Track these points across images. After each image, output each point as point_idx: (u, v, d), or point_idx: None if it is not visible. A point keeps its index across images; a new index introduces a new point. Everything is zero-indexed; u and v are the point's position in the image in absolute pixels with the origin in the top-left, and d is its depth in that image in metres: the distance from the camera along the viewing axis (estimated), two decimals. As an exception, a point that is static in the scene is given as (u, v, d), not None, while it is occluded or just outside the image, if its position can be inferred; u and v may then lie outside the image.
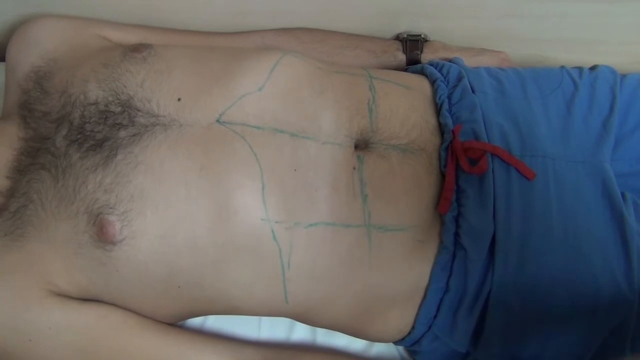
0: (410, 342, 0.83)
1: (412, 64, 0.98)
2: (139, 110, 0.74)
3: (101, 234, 0.70)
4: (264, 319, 0.89)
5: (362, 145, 0.78)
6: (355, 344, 0.90)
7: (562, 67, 0.93)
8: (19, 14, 0.93)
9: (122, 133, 0.73)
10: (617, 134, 0.85)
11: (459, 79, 0.87)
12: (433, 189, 0.79)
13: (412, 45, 0.99)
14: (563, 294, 0.77)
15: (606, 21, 0.98)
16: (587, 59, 0.95)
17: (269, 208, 0.72)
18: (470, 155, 0.79)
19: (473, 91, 0.86)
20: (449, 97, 0.85)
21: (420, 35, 1.00)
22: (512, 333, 0.78)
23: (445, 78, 0.88)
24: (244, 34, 0.99)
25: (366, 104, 0.80)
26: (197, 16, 0.98)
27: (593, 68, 0.92)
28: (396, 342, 0.85)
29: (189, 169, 0.71)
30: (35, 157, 0.76)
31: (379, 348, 0.91)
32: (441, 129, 0.82)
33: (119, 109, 0.75)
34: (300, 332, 0.90)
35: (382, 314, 0.79)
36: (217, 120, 0.74)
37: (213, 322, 0.88)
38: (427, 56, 0.99)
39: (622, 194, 0.80)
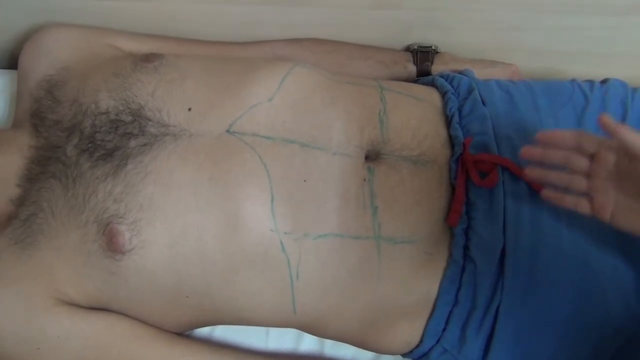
0: (419, 355, 0.83)
1: (423, 76, 0.98)
2: (149, 120, 0.75)
3: (110, 243, 0.70)
4: (272, 329, 0.89)
5: (372, 157, 0.78)
6: (363, 356, 0.90)
7: (573, 80, 0.92)
8: (32, 23, 0.94)
9: (133, 142, 0.73)
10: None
11: (470, 91, 0.87)
12: (443, 201, 0.78)
13: (422, 57, 0.99)
14: (572, 308, 0.76)
15: (617, 34, 0.98)
16: (598, 72, 0.95)
17: (278, 219, 0.71)
18: (480, 168, 0.79)
19: (483, 103, 0.85)
20: (460, 110, 0.85)
21: (430, 46, 1.00)
22: (521, 347, 0.77)
23: (455, 90, 0.88)
24: (255, 44, 0.99)
25: (377, 114, 0.80)
26: (208, 26, 0.98)
27: (604, 81, 0.92)
28: (404, 355, 0.85)
29: (199, 179, 0.71)
30: (45, 165, 0.76)
31: (386, 360, 0.90)
32: (452, 141, 0.82)
33: (129, 119, 0.75)
34: (308, 343, 0.90)
35: (390, 326, 0.79)
36: (227, 131, 0.74)
37: (221, 332, 0.88)
38: (437, 68, 0.98)
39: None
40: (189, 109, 0.76)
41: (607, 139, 0.68)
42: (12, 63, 0.96)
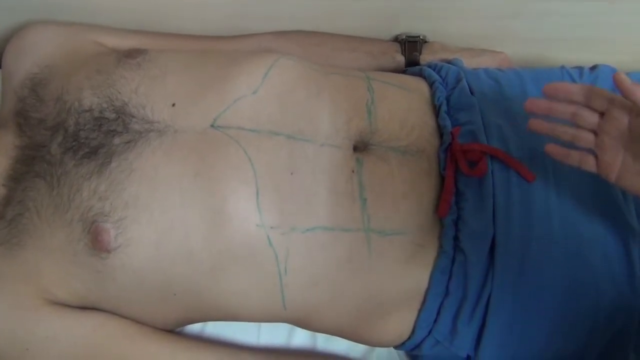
0: (411, 347, 0.82)
1: (411, 66, 0.97)
2: (133, 117, 0.74)
3: (96, 241, 0.69)
4: (264, 324, 0.89)
5: (361, 148, 0.78)
6: (356, 349, 0.90)
7: (562, 66, 0.92)
8: (15, 21, 0.93)
9: (117, 140, 0.73)
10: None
11: (458, 80, 0.87)
12: (432, 192, 0.78)
13: (410, 47, 0.99)
14: (564, 297, 0.76)
15: (606, 20, 0.97)
16: (587, 58, 0.95)
17: (264, 213, 0.71)
18: (469, 158, 0.78)
19: (472, 93, 0.85)
20: (448, 99, 0.85)
21: (419, 36, 1.00)
22: (512, 337, 0.77)
23: (443, 80, 0.88)
24: (242, 38, 0.99)
25: (365, 105, 0.79)
26: (195, 20, 0.97)
27: (593, 68, 0.91)
28: (397, 347, 0.85)
29: (184, 175, 0.71)
30: (30, 165, 0.75)
31: (379, 353, 0.90)
32: (440, 131, 0.82)
33: (113, 116, 0.74)
34: (300, 338, 0.89)
35: (381, 318, 0.79)
36: (212, 125, 0.74)
37: (212, 328, 0.87)
38: (426, 57, 0.98)
39: (623, 195, 0.79)
40: (173, 105, 0.75)
41: (620, 97, 0.65)
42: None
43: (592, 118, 0.68)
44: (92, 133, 0.74)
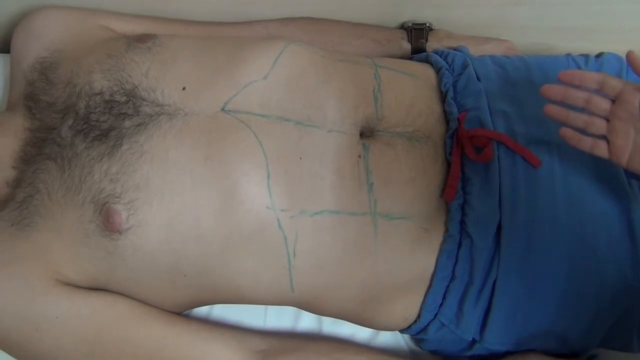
0: (416, 331, 0.83)
1: (417, 53, 0.98)
2: (143, 100, 0.74)
3: (107, 223, 0.70)
4: (270, 308, 0.89)
5: (367, 134, 0.78)
6: (361, 333, 0.90)
7: (568, 54, 0.93)
8: (23, 6, 0.93)
9: (128, 123, 0.73)
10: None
11: (464, 67, 0.87)
12: (439, 177, 0.79)
13: (417, 34, 0.99)
14: (569, 281, 0.77)
15: (612, 9, 0.97)
16: (592, 47, 0.95)
17: (274, 196, 0.72)
18: (475, 143, 0.79)
19: (478, 79, 0.86)
20: (454, 85, 0.85)
21: (425, 24, 1.00)
22: (517, 321, 0.78)
23: (450, 66, 0.88)
24: (248, 24, 0.99)
25: (371, 92, 0.80)
26: (201, 6, 0.97)
27: (599, 55, 0.92)
28: (402, 331, 0.86)
29: (194, 158, 0.71)
30: (41, 147, 0.76)
31: (384, 337, 0.91)
32: (446, 117, 0.82)
33: (124, 99, 0.75)
34: (306, 322, 0.90)
35: (388, 302, 0.80)
36: (222, 109, 0.74)
37: (219, 311, 0.88)
38: (432, 45, 0.98)
39: (629, 181, 0.80)
40: (183, 88, 0.75)
41: (632, 82, 0.67)
42: (5, 47, 0.96)
43: (604, 104, 0.69)
44: (102, 116, 0.74)
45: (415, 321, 0.82)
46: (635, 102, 0.67)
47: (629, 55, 0.66)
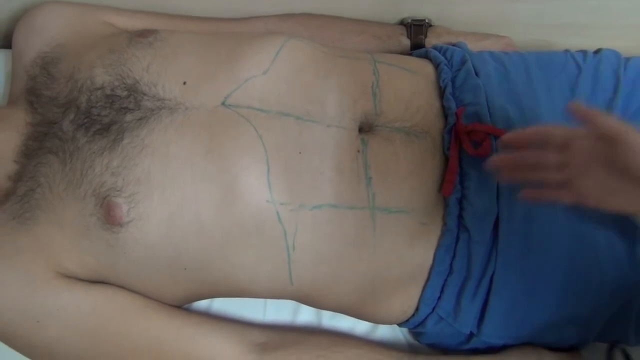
0: (414, 324, 0.84)
1: (417, 49, 0.98)
2: (144, 94, 0.75)
3: (108, 216, 0.70)
4: (270, 302, 0.90)
5: (366, 129, 0.79)
6: (360, 326, 0.91)
7: (567, 50, 0.93)
8: (25, 2, 0.93)
9: (129, 117, 0.74)
10: (620, 117, 0.85)
11: (463, 62, 0.87)
12: (437, 171, 0.79)
13: (416, 30, 0.99)
14: (566, 276, 0.77)
15: (609, 5, 0.98)
16: (591, 43, 0.95)
17: (274, 190, 0.72)
18: (473, 138, 0.79)
19: (477, 74, 0.86)
20: (453, 81, 0.86)
21: (424, 20, 1.00)
22: (515, 315, 0.79)
23: (449, 61, 0.89)
24: (248, 20, 0.99)
25: (370, 87, 0.80)
26: (202, 3, 0.98)
27: (597, 51, 0.92)
28: (400, 324, 0.86)
29: (195, 152, 0.72)
30: (42, 141, 0.77)
31: (383, 330, 0.91)
32: (445, 112, 0.83)
33: (125, 93, 0.75)
34: (306, 315, 0.91)
35: (386, 295, 0.80)
36: (223, 103, 0.75)
37: (219, 305, 0.89)
38: (431, 41, 0.99)
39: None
40: (184, 83, 0.76)
41: (578, 130, 0.65)
42: (6, 42, 0.96)
43: (554, 157, 0.66)
44: (104, 110, 0.75)
45: (414, 315, 0.82)
46: (586, 150, 0.64)
47: (570, 107, 0.62)
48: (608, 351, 0.83)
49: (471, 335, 0.82)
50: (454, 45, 0.94)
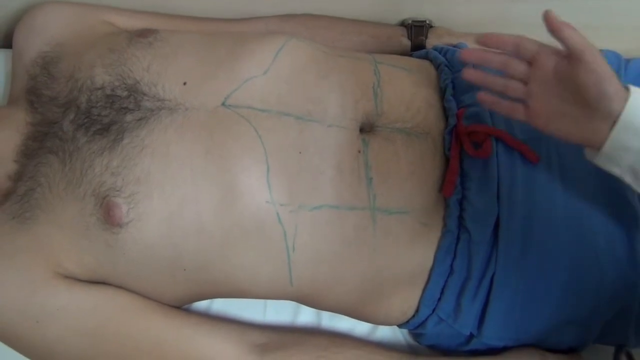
0: (414, 325, 0.84)
1: (417, 50, 0.98)
2: (145, 95, 0.75)
3: (108, 216, 0.70)
4: (270, 302, 0.90)
5: (367, 129, 0.79)
6: (360, 328, 0.91)
7: (565, 50, 0.93)
8: (25, 1, 0.93)
9: (129, 117, 0.74)
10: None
11: (463, 63, 0.87)
12: (437, 172, 0.79)
13: (417, 31, 0.99)
14: (566, 276, 0.77)
15: (609, 5, 0.98)
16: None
17: (274, 191, 0.72)
18: (474, 139, 0.79)
19: (477, 75, 0.86)
20: (453, 82, 0.85)
21: (425, 21, 1.00)
22: (515, 316, 0.78)
23: (449, 62, 0.89)
24: (249, 21, 0.99)
25: (371, 87, 0.80)
26: (203, 3, 0.98)
27: (597, 52, 0.92)
28: (400, 325, 0.86)
29: (195, 152, 0.72)
30: (42, 141, 0.76)
31: (383, 331, 0.91)
32: (445, 113, 0.83)
33: (125, 93, 0.75)
34: (306, 316, 0.91)
35: (386, 296, 0.80)
36: (223, 104, 0.75)
37: (219, 305, 0.89)
38: (432, 42, 0.99)
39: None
40: (184, 83, 0.76)
41: (548, 46, 0.68)
42: (7, 42, 0.96)
43: (520, 67, 0.70)
44: (104, 110, 0.75)
45: (414, 316, 0.82)
46: (550, 65, 0.67)
47: (545, 13, 0.66)
48: (615, 355, 0.83)
49: (471, 336, 0.82)
50: (454, 46, 0.95)
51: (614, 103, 0.63)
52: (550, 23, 0.65)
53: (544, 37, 1.03)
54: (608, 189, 0.78)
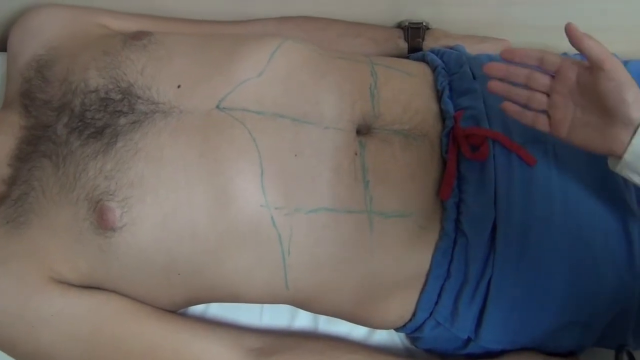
0: (412, 329, 0.83)
1: (414, 52, 0.98)
2: (139, 98, 0.74)
3: (101, 220, 0.70)
4: (266, 306, 0.89)
5: (364, 131, 0.78)
6: (357, 332, 0.90)
7: (565, 53, 0.92)
8: (20, 4, 0.93)
9: (122, 120, 0.73)
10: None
11: (460, 65, 0.87)
12: (435, 175, 0.79)
13: (413, 34, 0.99)
14: (564, 280, 0.77)
15: (607, 8, 0.97)
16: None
17: (268, 194, 0.72)
18: (471, 142, 0.79)
19: (474, 77, 0.85)
20: (450, 84, 0.85)
21: (422, 23, 1.00)
22: (513, 319, 0.78)
23: (446, 65, 0.88)
24: (246, 23, 0.99)
25: (368, 89, 0.80)
26: (199, 5, 0.98)
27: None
28: (397, 329, 0.86)
29: (189, 156, 0.71)
30: (36, 145, 0.76)
31: (380, 335, 0.91)
32: (443, 115, 0.82)
33: (119, 97, 0.75)
34: (302, 320, 0.90)
35: (383, 300, 0.80)
36: (217, 107, 0.74)
37: (215, 309, 0.88)
38: (428, 44, 0.99)
39: (624, 179, 0.80)
40: (178, 86, 0.75)
41: (570, 58, 0.70)
42: (1, 45, 0.96)
43: (543, 80, 0.72)
44: (97, 113, 0.74)
45: (411, 320, 0.82)
46: (573, 77, 0.69)
47: (567, 26, 0.68)
48: (616, 354, 0.82)
49: (469, 340, 0.81)
50: (451, 48, 0.94)
51: (634, 110, 0.64)
52: (572, 35, 0.67)
53: (538, 39, 1.04)
54: (606, 193, 0.78)
